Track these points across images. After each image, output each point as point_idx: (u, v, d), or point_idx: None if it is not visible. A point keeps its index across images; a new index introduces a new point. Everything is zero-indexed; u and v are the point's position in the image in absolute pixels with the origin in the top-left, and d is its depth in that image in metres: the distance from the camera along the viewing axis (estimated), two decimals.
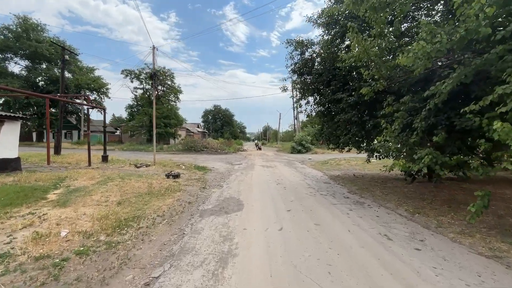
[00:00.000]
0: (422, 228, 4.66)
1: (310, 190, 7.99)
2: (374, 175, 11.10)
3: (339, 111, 7.60)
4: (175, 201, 6.44)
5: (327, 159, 19.34)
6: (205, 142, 32.65)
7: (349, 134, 7.46)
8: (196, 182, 9.23)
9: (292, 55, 9.21)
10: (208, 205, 6.18)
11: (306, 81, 9.13)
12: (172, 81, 40.40)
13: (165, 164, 13.45)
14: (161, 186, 7.89)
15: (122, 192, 6.83)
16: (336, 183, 9.52)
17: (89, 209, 5.20)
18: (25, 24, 33.18)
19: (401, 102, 4.96)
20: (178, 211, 5.65)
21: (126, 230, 4.33)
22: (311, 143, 30.23)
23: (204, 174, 11.51)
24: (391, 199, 6.71)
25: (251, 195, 7.22)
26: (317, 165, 15.92)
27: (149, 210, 5.51)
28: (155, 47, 13.69)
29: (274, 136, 73.53)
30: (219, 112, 78.01)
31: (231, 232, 4.39)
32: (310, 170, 13.47)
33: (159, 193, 7.01)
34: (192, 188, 8.15)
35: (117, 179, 8.36)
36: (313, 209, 5.84)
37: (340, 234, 4.32)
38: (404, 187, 8.11)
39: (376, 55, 4.75)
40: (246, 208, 5.88)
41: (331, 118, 8.86)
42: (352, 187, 8.49)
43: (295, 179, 10.36)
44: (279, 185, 8.89)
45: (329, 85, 7.96)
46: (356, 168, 13.87)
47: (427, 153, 4.68)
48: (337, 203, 6.40)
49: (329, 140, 10.47)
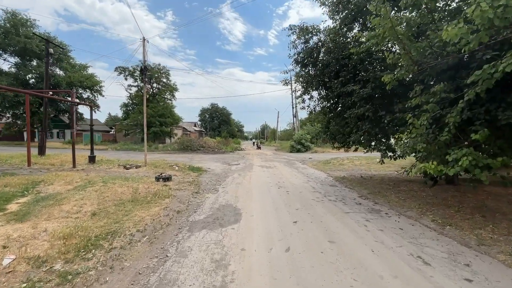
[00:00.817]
0: (460, 246, 3.80)
1: (316, 195, 7.11)
2: (383, 177, 10.26)
3: (350, 105, 6.73)
4: (162, 210, 5.53)
5: (329, 158, 18.48)
6: (201, 141, 31.70)
7: (360, 132, 6.59)
8: (188, 185, 8.32)
9: (295, 44, 8.30)
10: (200, 215, 5.28)
11: (310, 74, 8.24)
12: (168, 78, 39.37)
13: (157, 165, 12.51)
14: (148, 191, 6.97)
15: (101, 199, 5.90)
16: (343, 185, 8.66)
17: (53, 224, 4.27)
18: (13, 19, 31.90)
19: (431, 92, 4.10)
20: (163, 223, 4.74)
21: (93, 253, 3.42)
22: (311, 142, 29.42)
23: (198, 176, 10.60)
24: (411, 206, 5.85)
25: (250, 202, 6.33)
26: (319, 165, 15.06)
27: (129, 223, 4.61)
28: (146, 39, 12.72)
29: (272, 135, 72.62)
30: (216, 110, 76.87)
31: (226, 254, 3.50)
32: (313, 171, 12.60)
33: (144, 200, 6.10)
34: (183, 193, 7.24)
35: (99, 183, 7.43)
36: (324, 220, 4.96)
37: (363, 256, 3.45)
38: (421, 191, 7.26)
39: (404, 34, 3.88)
40: (244, 219, 4.98)
41: (338, 114, 7.99)
42: (362, 191, 7.64)
43: (297, 181, 9.48)
44: (281, 188, 8.01)
45: (338, 77, 7.08)
46: (362, 169, 13.03)
47: (466, 154, 3.81)
48: (350, 212, 5.53)
49: (334, 138, 9.61)
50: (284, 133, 66.71)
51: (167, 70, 38.46)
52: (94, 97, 41.20)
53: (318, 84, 7.96)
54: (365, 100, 6.23)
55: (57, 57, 37.30)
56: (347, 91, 6.58)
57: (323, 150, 28.20)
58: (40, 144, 14.05)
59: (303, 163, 16.46)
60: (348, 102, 6.82)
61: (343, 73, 6.91)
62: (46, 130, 14.96)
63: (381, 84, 6.05)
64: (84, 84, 38.39)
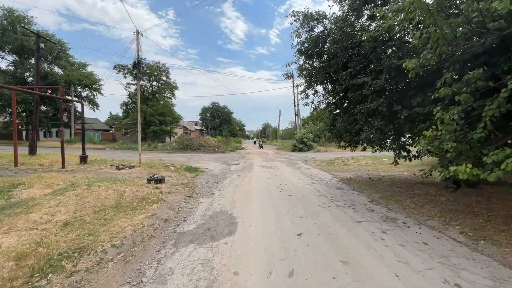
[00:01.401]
0: (504, 268, 3.08)
1: (322, 200, 6.41)
2: (393, 178, 9.53)
3: (359, 100, 6.01)
4: (147, 218, 4.85)
5: (332, 158, 17.74)
6: (201, 140, 31.04)
7: (371, 129, 5.88)
8: (182, 188, 7.64)
9: (298, 33, 7.56)
10: (189, 225, 4.59)
11: (315, 66, 7.52)
12: (168, 76, 38.79)
13: (152, 165, 11.85)
14: (135, 195, 6.31)
15: (79, 205, 5.24)
16: (351, 188, 7.94)
17: (10, 238, 3.61)
18: (10, 16, 31.35)
19: (464, 81, 3.38)
20: (146, 235, 4.07)
21: (48, 279, 2.75)
22: (313, 141, 28.68)
23: (194, 177, 9.92)
24: (431, 214, 5.13)
25: (247, 208, 5.63)
26: (323, 165, 14.34)
27: (105, 235, 3.93)
28: (139, 32, 12.04)
29: (274, 134, 71.91)
30: (217, 109, 76.19)
31: (215, 280, 2.81)
32: (316, 172, 11.89)
33: (129, 206, 5.43)
34: (175, 197, 6.56)
35: (83, 186, 6.77)
36: (333, 231, 4.25)
37: (386, 284, 2.74)
38: (438, 195, 6.54)
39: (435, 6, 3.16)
40: (240, 231, 4.29)
41: (345, 110, 7.28)
42: (373, 195, 6.92)
43: (301, 183, 8.78)
44: (283, 192, 7.31)
45: (346, 68, 6.36)
46: (368, 169, 12.29)
47: (510, 154, 3.10)
48: (362, 220, 4.82)
49: (340, 137, 8.88)
50: (286, 132, 66.01)
51: (166, 68, 37.90)
52: (93, 95, 40.76)
53: (323, 77, 7.24)
54: (377, 93, 5.51)
55: (55, 55, 36.85)
56: (357, 83, 5.86)
57: (326, 149, 27.45)
58: (31, 144, 13.45)
59: (306, 163, 15.74)
60: (357, 96, 6.10)
61: (352, 63, 6.19)
62: (37, 129, 14.36)
63: (397, 75, 5.34)
64: (83, 83, 37.86)
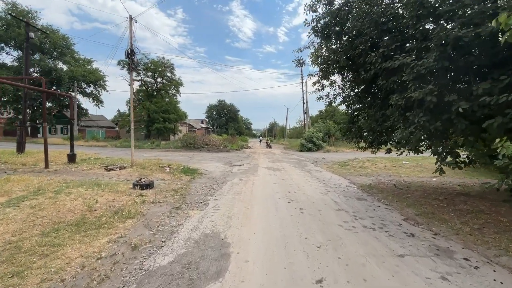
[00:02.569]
0: None
1: (342, 216, 5.04)
2: (423, 186, 8.05)
3: (394, 88, 4.61)
4: (111, 243, 3.61)
5: (345, 159, 16.21)
6: (206, 139, 29.87)
7: (411, 127, 4.45)
8: (172, 196, 6.40)
9: (314, 6, 6.16)
10: (164, 256, 3.32)
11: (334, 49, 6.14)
12: (172, 73, 37.69)
13: (145, 166, 10.68)
14: (109, 206, 5.09)
15: (28, 222, 4.04)
16: (375, 199, 6.54)
17: None
18: (14, 11, 30.86)
19: None
20: (97, 276, 2.82)
21: None
22: (323, 140, 27.12)
23: (190, 180, 8.69)
24: (501, 245, 3.70)
25: (246, 229, 4.33)
26: (336, 167, 12.90)
27: (35, 278, 2.71)
28: (133, 18, 10.86)
29: (281, 133, 70.35)
30: (223, 107, 75.01)
31: None
32: (329, 176, 10.48)
33: (95, 224, 4.20)
34: (159, 209, 5.31)
35: (49, 193, 5.60)
36: (369, 276, 2.90)
37: None
38: (495, 213, 5.07)
39: None
40: (232, 271, 2.98)
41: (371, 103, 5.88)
42: (406, 209, 5.51)
43: (313, 190, 7.41)
44: (292, 203, 5.98)
45: (376, 48, 4.97)
46: (389, 173, 10.80)
47: None
48: (405, 254, 3.45)
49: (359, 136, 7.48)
50: (293, 130, 64.33)
51: (171, 64, 36.78)
52: (98, 92, 40.19)
53: (344, 63, 5.81)
54: (422, 79, 4.11)
55: (60, 51, 36.36)
56: (392, 67, 4.46)
57: (336, 150, 25.88)
58: (19, 140, 12.49)
59: (316, 165, 14.32)
60: (391, 84, 4.70)
61: (384, 42, 4.78)
62: (25, 125, 13.42)
63: (454, 52, 3.91)
64: (87, 79, 37.27)
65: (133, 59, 10.31)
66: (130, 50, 10.27)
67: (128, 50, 10.21)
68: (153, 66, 35.30)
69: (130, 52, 10.27)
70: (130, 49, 10.33)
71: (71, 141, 10.82)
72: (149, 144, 28.46)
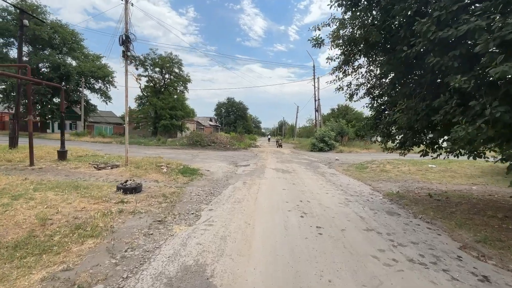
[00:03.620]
0: None
1: (374, 240, 3.77)
2: (467, 197, 6.61)
3: (456, 67, 3.30)
4: (44, 283, 2.49)
5: (362, 160, 14.73)
6: (213, 137, 28.86)
7: (478, 122, 3.14)
8: (159, 203, 5.28)
9: None
10: None
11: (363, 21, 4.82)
12: (180, 69, 36.93)
13: (141, 165, 9.64)
14: (73, 218, 4.01)
15: None
16: (410, 213, 5.22)
17: None
18: (23, 5, 30.74)
19: None
20: None
21: None
22: (335, 140, 25.57)
23: (187, 183, 7.58)
24: None
25: (244, 260, 3.13)
26: (353, 170, 11.52)
27: None
28: (129, 1, 9.82)
29: (291, 131, 68.77)
30: (232, 105, 73.96)
31: None
32: (347, 180, 9.15)
33: (40, 246, 3.12)
34: (136, 222, 4.19)
35: (5, 198, 4.58)
36: None
37: None
38: None
39: None
40: None
41: (412, 91, 4.56)
42: (457, 231, 4.17)
43: (330, 199, 6.14)
44: (306, 218, 4.74)
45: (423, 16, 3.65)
46: (416, 179, 9.35)
47: None
48: None
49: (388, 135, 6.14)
50: (303, 129, 62.64)
51: (179, 60, 36.01)
52: (106, 88, 39.89)
53: (378, 37, 4.47)
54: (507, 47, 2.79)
55: (69, 46, 36.18)
56: (454, 35, 3.13)
57: (349, 150, 24.32)
58: (11, 135, 11.78)
59: (330, 167, 12.97)
60: (448, 61, 3.38)
61: (441, 1, 3.44)
62: (18, 118, 12.69)
63: None
64: (95, 74, 36.97)
65: (128, 47, 9.26)
66: (125, 36, 9.24)
67: (122, 36, 9.18)
68: (160, 61, 34.61)
69: (125, 38, 9.24)
70: (125, 34, 9.30)
71: (62, 137, 9.94)
72: (155, 141, 27.73)
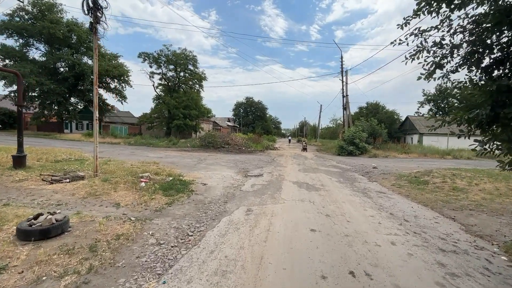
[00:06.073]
0: None
1: None
2: None
3: None
4: None
5: (408, 169, 11.27)
6: (227, 138, 26.38)
7: None
8: (64, 273, 2.63)
9: None
10: None
11: None
12: (195, 66, 34.97)
13: (114, 176, 7.19)
14: None
15: None
16: None
17: None
18: (39, 3, 30.45)
19: None
20: None
21: None
22: (367, 142, 21.93)
23: (161, 210, 4.94)
24: None
25: None
26: (407, 186, 8.26)
27: None
28: None
29: (312, 132, 64.84)
30: (251, 105, 71.31)
31: None
32: (408, 206, 6.00)
33: None
34: None
35: None
36: None
37: None
38: None
39: None
40: None
41: None
42: None
43: (405, 263, 3.15)
44: None
45: None
46: (508, 202, 5.97)
47: None
48: None
49: None
50: (327, 130, 58.57)
51: (194, 56, 34.05)
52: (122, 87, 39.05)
53: None
54: None
55: (86, 45, 35.72)
56: None
57: (385, 154, 20.61)
58: None
59: (370, 179, 9.77)
60: None
61: None
62: None
63: None
64: (111, 73, 36.16)
65: (97, 16, 6.83)
66: (92, 1, 6.82)
67: (88, 0, 6.77)
68: (174, 57, 32.86)
69: (93, 3, 6.83)
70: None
71: (18, 136, 7.70)
72: (166, 142, 25.82)
